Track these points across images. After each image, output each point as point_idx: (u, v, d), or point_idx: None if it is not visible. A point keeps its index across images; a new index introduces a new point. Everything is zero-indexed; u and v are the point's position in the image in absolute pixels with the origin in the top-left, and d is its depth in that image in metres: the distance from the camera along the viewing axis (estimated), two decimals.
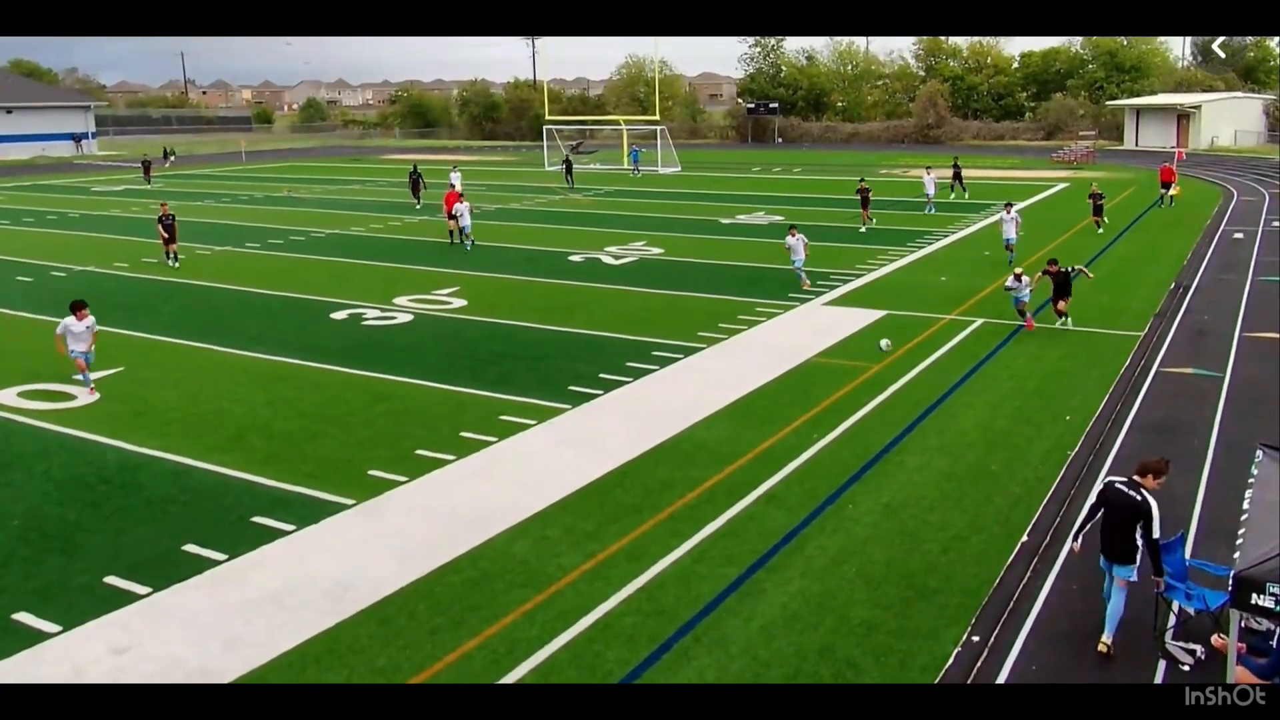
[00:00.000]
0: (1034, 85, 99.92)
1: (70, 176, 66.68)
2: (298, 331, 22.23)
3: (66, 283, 28.29)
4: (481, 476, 13.93)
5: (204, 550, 11.70)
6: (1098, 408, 16.44)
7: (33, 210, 46.63)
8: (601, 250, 32.84)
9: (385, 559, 11.48)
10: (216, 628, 10.08)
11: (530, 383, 18.06)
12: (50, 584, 10.99)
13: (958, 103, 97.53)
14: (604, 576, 11.04)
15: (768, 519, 12.49)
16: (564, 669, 9.35)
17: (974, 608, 10.38)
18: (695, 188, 54.52)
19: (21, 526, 12.44)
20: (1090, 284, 26.33)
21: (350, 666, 9.43)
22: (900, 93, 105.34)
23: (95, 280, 28.72)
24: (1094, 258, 30.25)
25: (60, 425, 16.07)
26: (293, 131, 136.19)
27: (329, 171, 69.65)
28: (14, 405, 17.11)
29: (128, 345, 21.11)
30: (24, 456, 14.78)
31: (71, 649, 9.76)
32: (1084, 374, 18.31)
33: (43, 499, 13.25)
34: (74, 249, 34.48)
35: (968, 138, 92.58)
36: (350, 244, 35.41)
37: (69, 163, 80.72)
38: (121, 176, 66.09)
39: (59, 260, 31.93)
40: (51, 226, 41.01)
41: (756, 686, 6.80)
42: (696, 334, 21.31)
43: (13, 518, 12.66)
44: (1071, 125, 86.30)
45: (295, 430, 15.82)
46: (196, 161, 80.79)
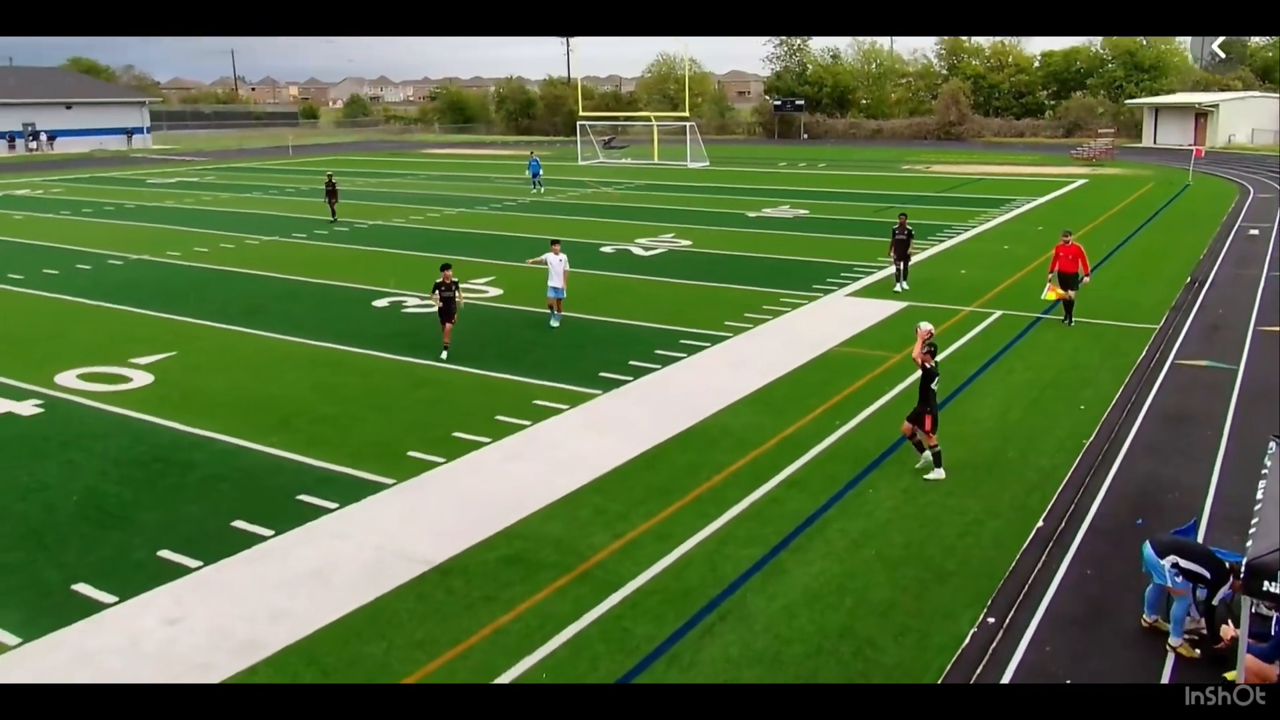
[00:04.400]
0: (1054, 84, 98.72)
1: (126, 169, 67.35)
2: (341, 319, 22.39)
3: (122, 271, 28.64)
4: (516, 459, 14.00)
5: (252, 526, 11.84)
6: (1113, 398, 16.29)
7: (90, 201, 47.14)
8: (632, 242, 32.82)
9: (424, 536, 11.57)
10: (263, 600, 10.20)
11: (563, 369, 18.11)
12: (107, 557, 11.17)
13: (979, 101, 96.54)
14: (633, 555, 11.08)
15: (790, 502, 12.48)
16: (594, 643, 9.41)
17: (990, 590, 10.33)
18: (723, 182, 54.34)
19: (80, 503, 12.63)
20: (1108, 278, 26.08)
21: (390, 639, 9.52)
22: (923, 91, 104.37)
23: (149, 269, 29.03)
24: (1112, 251, 29.93)
25: (117, 406, 16.29)
26: (337, 127, 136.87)
27: (371, 165, 69.96)
28: (74, 387, 17.34)
29: (180, 331, 21.36)
30: (83, 436, 14.99)
31: (127, 619, 9.91)
32: (1100, 365, 18.13)
33: (100, 477, 13.45)
34: (129, 238, 34.84)
35: (988, 135, 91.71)
36: (391, 234, 35.58)
37: (124, 156, 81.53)
38: (174, 169, 66.73)
39: (115, 249, 32.29)
40: (108, 217, 41.45)
41: (758, 687, 6.92)
42: (723, 323, 21.27)
43: (72, 494, 12.87)
44: (1091, 123, 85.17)
45: (338, 413, 15.95)
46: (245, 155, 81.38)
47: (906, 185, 51.31)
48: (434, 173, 63.13)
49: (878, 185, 51.51)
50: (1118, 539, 11.26)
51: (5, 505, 12.51)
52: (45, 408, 16.29)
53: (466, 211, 42.21)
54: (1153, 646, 9.33)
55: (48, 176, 61.24)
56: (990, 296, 23.78)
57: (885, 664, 9.07)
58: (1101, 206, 40.84)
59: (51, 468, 13.74)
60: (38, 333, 21.45)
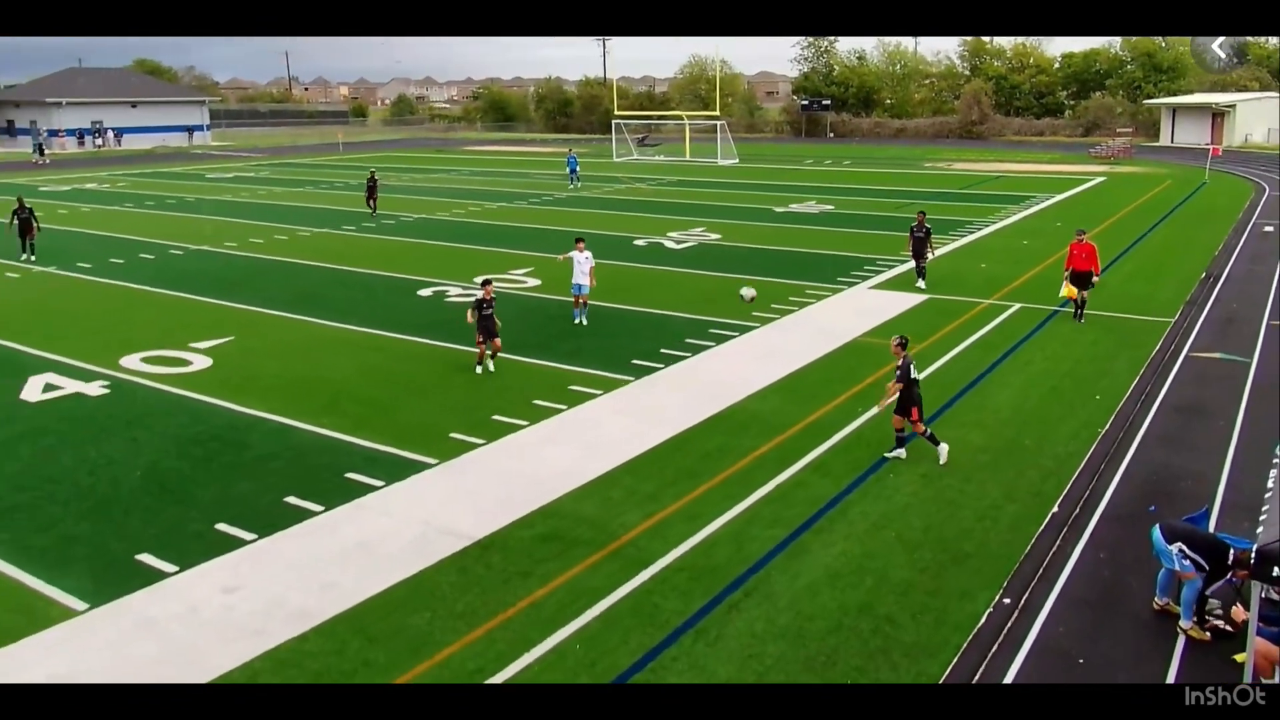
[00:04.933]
0: (1074, 84, 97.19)
1: (186, 165, 68.07)
2: (387, 307, 22.52)
3: (183, 260, 28.97)
4: (552, 441, 14.05)
5: (303, 502, 11.96)
6: (1128, 389, 16.08)
7: (153, 195, 47.69)
8: (664, 235, 32.75)
9: (464, 513, 11.64)
10: (314, 572, 10.32)
11: (597, 356, 18.13)
12: (168, 529, 11.33)
13: (1000, 100, 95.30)
14: (662, 535, 11.10)
15: (814, 486, 12.44)
16: (625, 617, 9.43)
17: (1006, 572, 10.25)
18: (752, 178, 54.08)
19: (143, 478, 12.81)
20: (1125, 273, 25.74)
21: (432, 609, 9.59)
22: (946, 91, 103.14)
23: (208, 258, 29.34)
24: (1129, 247, 29.51)
25: (178, 388, 16.50)
26: (385, 125, 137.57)
27: (416, 162, 70.25)
28: (138, 369, 17.58)
29: (237, 317, 21.58)
30: (146, 416, 15.20)
31: (186, 587, 10.06)
32: (1115, 357, 17.90)
33: (162, 454, 13.61)
34: (189, 230, 35.17)
35: (1009, 134, 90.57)
36: (436, 228, 35.73)
37: (185, 152, 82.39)
38: (232, 164, 67.35)
39: (176, 240, 32.64)
40: (170, 209, 41.91)
41: (761, 687, 6.88)
42: (751, 313, 21.17)
43: (136, 470, 13.05)
44: (1109, 123, 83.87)
45: (384, 396, 16.07)
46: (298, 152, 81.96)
47: (929, 182, 50.85)
48: (476, 169, 63.31)
49: (901, 182, 51.09)
50: (1131, 525, 11.13)
51: (75, 479, 12.73)
52: (111, 389, 16.53)
53: (506, 206, 42.30)
54: (1163, 628, 9.23)
55: (114, 171, 62.02)
56: (1009, 290, 23.52)
57: (903, 641, 9.04)
58: (1119, 204, 40.24)
59: (117, 445, 13.95)
60: (104, 318, 21.75)
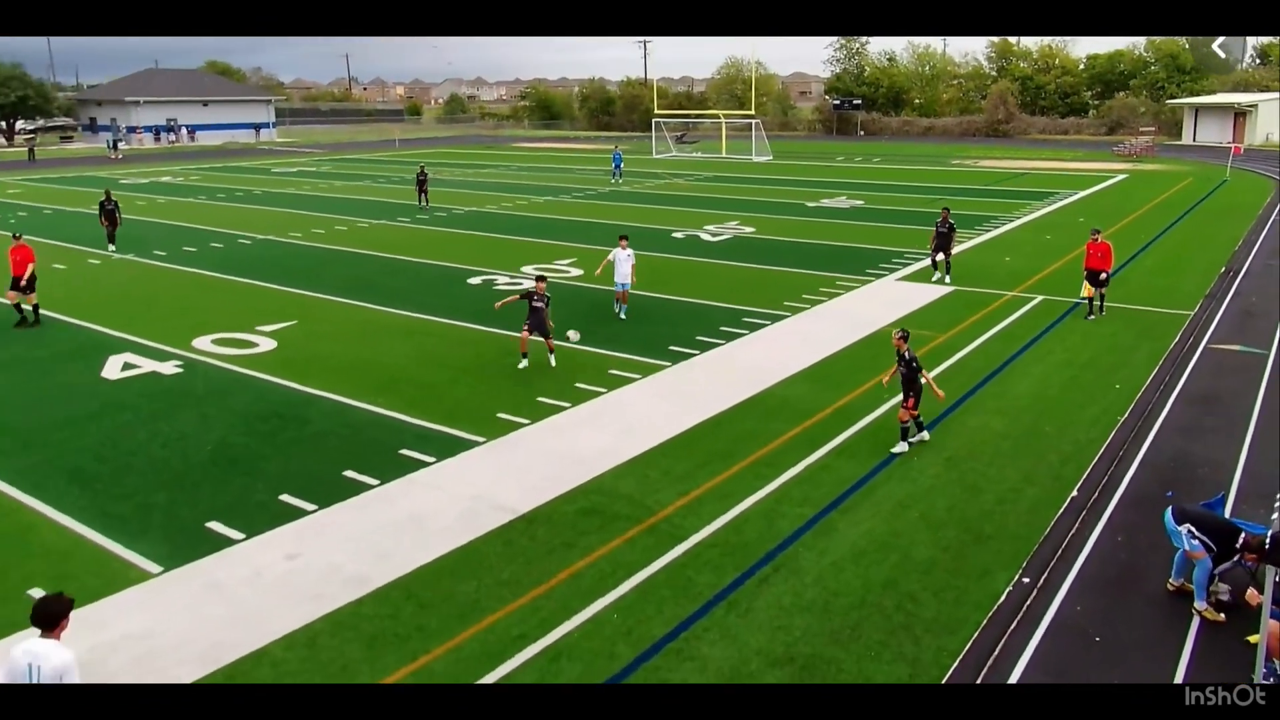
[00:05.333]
0: (1098, 85, 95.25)
1: (253, 160, 68.86)
2: (439, 294, 22.66)
3: (250, 249, 29.34)
4: (592, 422, 14.08)
5: (360, 476, 12.09)
6: (1147, 378, 15.79)
7: (223, 188, 48.31)
8: (701, 228, 32.62)
9: (510, 488, 11.71)
10: (369, 541, 10.43)
11: (635, 343, 18.12)
12: (235, 499, 11.51)
13: (1026, 100, 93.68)
14: (696, 512, 11.09)
15: (841, 468, 12.36)
16: (660, 589, 9.45)
17: (1026, 552, 10.14)
18: (785, 174, 53.68)
19: (213, 452, 13.02)
20: (1146, 267, 25.24)
21: (480, 578, 9.67)
22: (973, 91, 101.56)
23: (273, 248, 29.69)
24: (1150, 242, 28.93)
25: (245, 368, 16.73)
26: (438, 122, 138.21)
27: (467, 158, 70.52)
28: (208, 350, 17.85)
29: (300, 303, 21.83)
30: (215, 394, 15.43)
31: (252, 553, 10.22)
32: (1135, 348, 17.57)
33: (229, 429, 13.82)
34: (256, 221, 35.59)
35: (1034, 132, 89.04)
36: (485, 220, 35.87)
37: (253, 148, 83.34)
38: (295, 160, 68.01)
39: (244, 230, 33.08)
40: (238, 201, 42.43)
41: (765, 687, 6.63)
42: (783, 303, 21.08)
43: (206, 444, 13.27)
44: (1133, 122, 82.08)
45: (436, 378, 16.18)
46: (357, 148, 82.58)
47: (955, 179, 50.16)
48: (523, 165, 63.43)
49: (928, 178, 50.45)
50: (1149, 509, 10.93)
51: (150, 452, 12.97)
52: (184, 368, 16.80)
53: (552, 200, 42.35)
54: (1178, 608, 9.08)
55: (187, 166, 62.92)
56: (1032, 282, 23.16)
57: (925, 617, 8.97)
58: (1141, 200, 39.44)
59: (189, 420, 14.18)
60: (178, 302, 22.09)
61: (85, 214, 37.23)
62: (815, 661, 8.30)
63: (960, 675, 8.10)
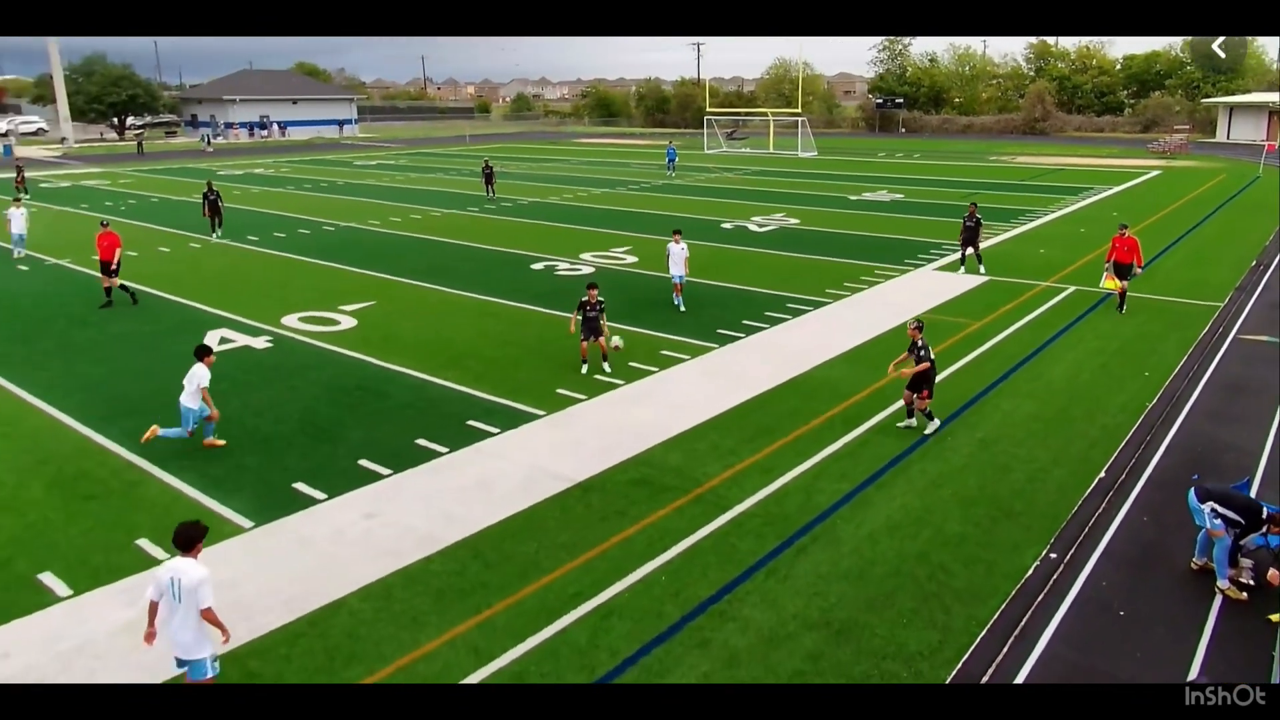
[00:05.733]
0: (1134, 84, 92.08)
1: (337, 153, 69.83)
2: (505, 278, 22.80)
3: (334, 235, 29.79)
4: (644, 399, 14.08)
5: (432, 444, 12.26)
6: (1175, 367, 15.33)
7: (309, 179, 49.08)
8: (748, 219, 32.36)
9: (568, 459, 11.78)
10: (440, 503, 10.58)
11: (686, 326, 18.07)
12: (319, 464, 11.75)
13: (1063, 99, 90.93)
14: (740, 484, 11.06)
15: (878, 446, 12.22)
16: (706, 554, 9.45)
17: (1053, 529, 9.94)
18: (829, 169, 52.94)
19: (299, 420, 13.29)
20: (1178, 259, 24.46)
21: (539, 540, 9.76)
22: (1011, 90, 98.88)
23: (354, 234, 30.11)
24: (1182, 235, 28.01)
25: (329, 344, 17.03)
26: (505, 119, 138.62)
27: (532, 153, 70.72)
28: (296, 328, 18.20)
29: (378, 285, 22.13)
30: (303, 368, 15.74)
31: (334, 513, 10.44)
32: (1164, 337, 17.05)
33: (315, 400, 14.08)
34: (339, 209, 36.10)
35: (1070, 130, 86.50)
36: (547, 210, 35.98)
37: (337, 142, 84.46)
38: (375, 154, 68.82)
39: (328, 218, 33.59)
40: (323, 191, 43.09)
41: (769, 687, 6.00)
42: (825, 291, 20.84)
43: (294, 413, 13.55)
44: (1167, 120, 79.32)
45: (501, 355, 16.31)
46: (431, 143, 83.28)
47: (993, 174, 49.02)
48: (583, 159, 63.42)
49: (967, 174, 49.36)
50: (1174, 491, 10.64)
51: (244, 420, 13.28)
52: (274, 343, 17.16)
53: (609, 191, 42.31)
54: (1201, 586, 8.85)
55: (278, 158, 64.03)
56: (1065, 273, 22.58)
57: (955, 587, 8.85)
58: (1174, 195, 38.18)
59: (279, 391, 14.49)
60: (269, 283, 22.54)
61: (187, 202, 38.17)
62: (850, 626, 8.25)
63: (988, 643, 7.99)
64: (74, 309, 19.82)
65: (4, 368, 15.68)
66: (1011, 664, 7.73)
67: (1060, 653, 7.89)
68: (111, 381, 14.97)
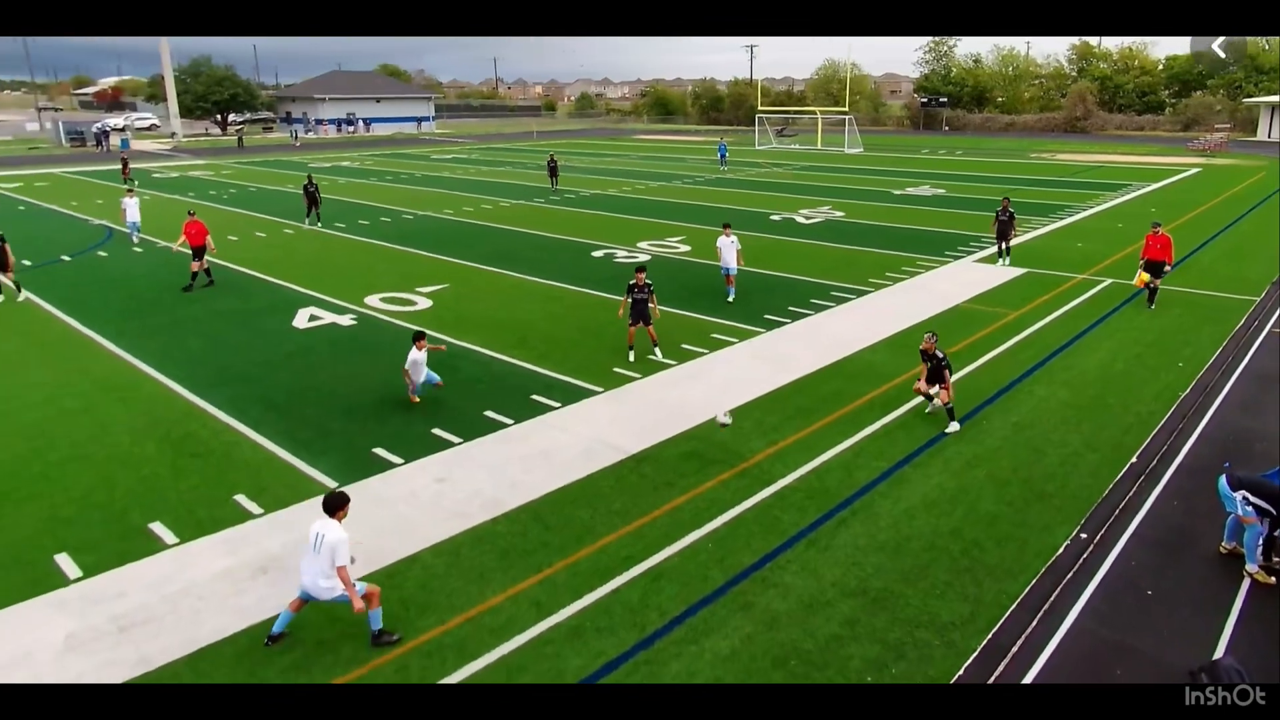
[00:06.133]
0: (1176, 84, 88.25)
1: (416, 148, 70.64)
2: (567, 264, 22.87)
3: (412, 223, 30.19)
4: (695, 378, 14.04)
5: (498, 416, 12.40)
6: (1209, 358, 14.75)
7: (390, 171, 49.75)
8: (796, 212, 31.93)
9: (623, 432, 11.82)
10: (505, 471, 10.71)
11: (735, 311, 17.94)
12: (397, 431, 11.96)
13: (1104, 99, 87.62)
14: (782, 460, 10.98)
15: (915, 427, 12.02)
16: (749, 524, 9.42)
17: (1084, 511, 9.68)
18: (874, 165, 51.92)
19: (379, 391, 13.49)
20: (1215, 254, 23.51)
21: (595, 507, 9.83)
22: (1053, 90, 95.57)
23: (431, 223, 30.48)
24: (1220, 231, 26.88)
25: (406, 322, 17.28)
26: (569, 117, 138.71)
27: (594, 148, 70.68)
28: (377, 307, 18.52)
29: (452, 270, 22.39)
30: (383, 343, 16.01)
31: (409, 476, 10.63)
32: (1199, 330, 16.42)
33: (394, 373, 14.07)
34: (417, 199, 36.49)
35: (1111, 128, 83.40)
36: (607, 201, 35.96)
37: (416, 138, 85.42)
38: (450, 148, 69.46)
39: (407, 207, 34.03)
40: (403, 183, 43.62)
41: (774, 687, 5.73)
42: (868, 280, 20.50)
43: (374, 384, 13.77)
44: (1208, 119, 75.96)
45: (563, 336, 16.39)
46: (501, 139, 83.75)
47: (1033, 171, 47.55)
48: (641, 154, 63.19)
49: (1008, 170, 47.97)
50: (1205, 478, 10.26)
51: (330, 389, 13.58)
52: (358, 320, 17.49)
53: (665, 184, 42.11)
54: (1230, 569, 8.55)
55: (363, 152, 65.02)
56: (1102, 266, 21.86)
57: (987, 562, 8.69)
58: (1213, 192, 36.63)
59: (362, 364, 14.77)
60: (353, 266, 22.92)
61: (281, 191, 39.03)
62: (885, 595, 8.16)
63: (1018, 616, 7.84)
64: (181, 288, 20.44)
65: (123, 340, 16.27)
66: (1040, 637, 7.58)
67: (1088, 627, 7.70)
68: (214, 353, 15.43)
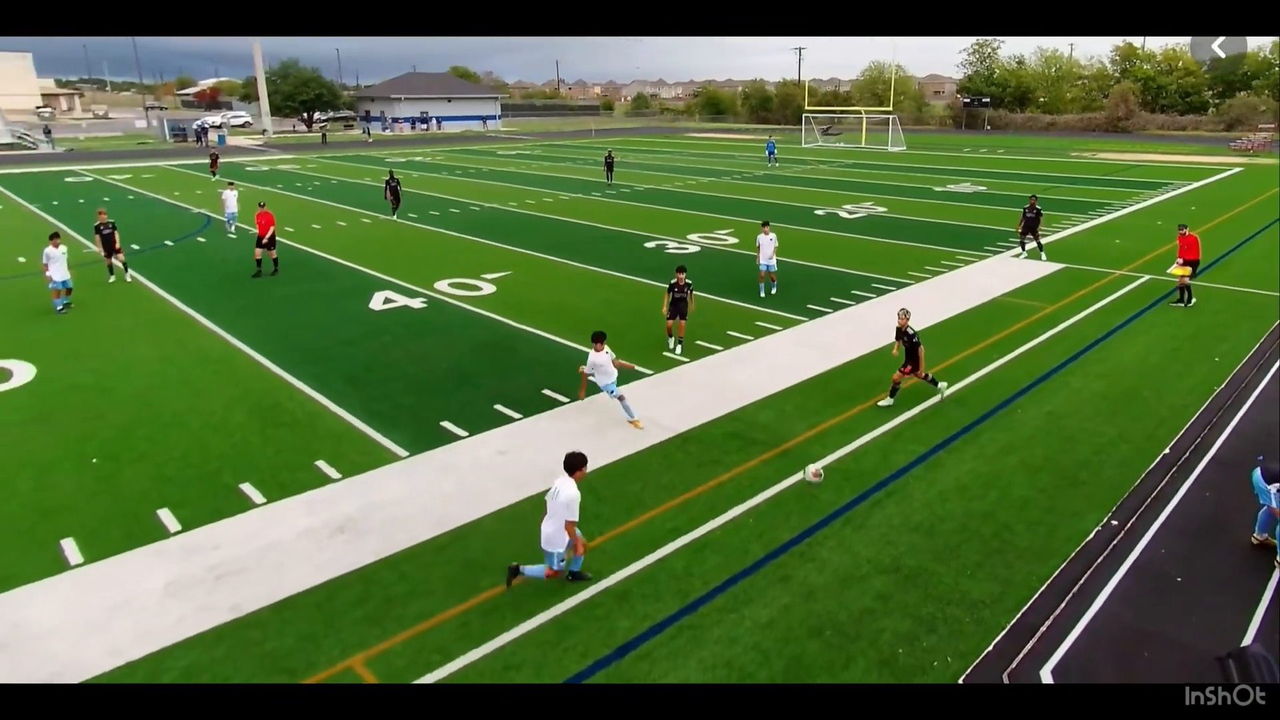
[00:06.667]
0: (1220, 85, 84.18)
1: (484, 145, 71.21)
2: (621, 255, 22.86)
3: (479, 215, 30.49)
4: (740, 363, 13.96)
5: (556, 394, 12.50)
6: (1246, 354, 14.13)
7: (460, 166, 50.28)
8: (840, 207, 31.40)
9: (670, 412, 11.82)
10: (560, 445, 10.76)
11: (779, 300, 17.75)
12: (463, 406, 12.14)
13: (1146, 99, 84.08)
14: (822, 442, 10.87)
15: (951, 414, 11.77)
16: (789, 502, 9.36)
17: (1115, 499, 9.39)
18: (916, 163, 50.73)
19: (448, 369, 13.74)
20: (1254, 253, 22.48)
21: (644, 481, 9.86)
22: (1095, 91, 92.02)
23: (496, 214, 30.73)
24: (1259, 231, 25.65)
25: (472, 306, 17.51)
26: (626, 116, 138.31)
27: (648, 146, 70.40)
28: (446, 291, 18.78)
29: (515, 258, 22.57)
30: (451, 325, 16.25)
31: (473, 447, 10.79)
32: (1237, 326, 15.73)
33: (461, 353, 14.50)
34: (484, 192, 36.84)
35: (1153, 128, 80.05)
36: (660, 195, 35.82)
37: (483, 135, 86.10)
38: (515, 145, 69.86)
39: (475, 199, 34.38)
40: (471, 177, 44.06)
41: (778, 686, 5.47)
42: (908, 273, 20.09)
43: (443, 363, 14.01)
44: (1251, 119, 72.42)
45: (616, 321, 16.40)
46: (562, 136, 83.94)
47: (1074, 169, 45.94)
48: (693, 151, 62.74)
49: (1048, 169, 46.44)
50: (1237, 471, 9.87)
51: (403, 366, 13.84)
52: (428, 304, 17.76)
53: (715, 180, 41.77)
54: (1260, 560, 8.21)
55: (435, 148, 65.79)
56: (1140, 263, 21.06)
57: (1018, 545, 8.50)
58: (1255, 191, 34.96)
59: (432, 344, 15.01)
60: (425, 254, 23.23)
61: (360, 184, 39.74)
62: (918, 573, 8.04)
63: (1047, 598, 7.66)
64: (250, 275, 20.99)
65: (218, 318, 16.80)
66: (1068, 619, 7.39)
67: (1116, 611, 7.49)
68: (298, 331, 15.83)
